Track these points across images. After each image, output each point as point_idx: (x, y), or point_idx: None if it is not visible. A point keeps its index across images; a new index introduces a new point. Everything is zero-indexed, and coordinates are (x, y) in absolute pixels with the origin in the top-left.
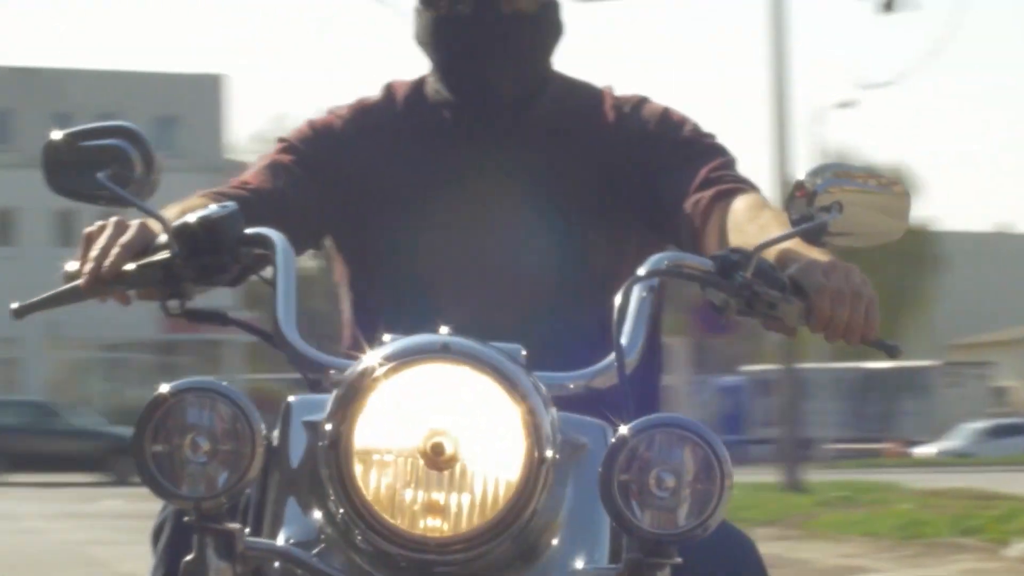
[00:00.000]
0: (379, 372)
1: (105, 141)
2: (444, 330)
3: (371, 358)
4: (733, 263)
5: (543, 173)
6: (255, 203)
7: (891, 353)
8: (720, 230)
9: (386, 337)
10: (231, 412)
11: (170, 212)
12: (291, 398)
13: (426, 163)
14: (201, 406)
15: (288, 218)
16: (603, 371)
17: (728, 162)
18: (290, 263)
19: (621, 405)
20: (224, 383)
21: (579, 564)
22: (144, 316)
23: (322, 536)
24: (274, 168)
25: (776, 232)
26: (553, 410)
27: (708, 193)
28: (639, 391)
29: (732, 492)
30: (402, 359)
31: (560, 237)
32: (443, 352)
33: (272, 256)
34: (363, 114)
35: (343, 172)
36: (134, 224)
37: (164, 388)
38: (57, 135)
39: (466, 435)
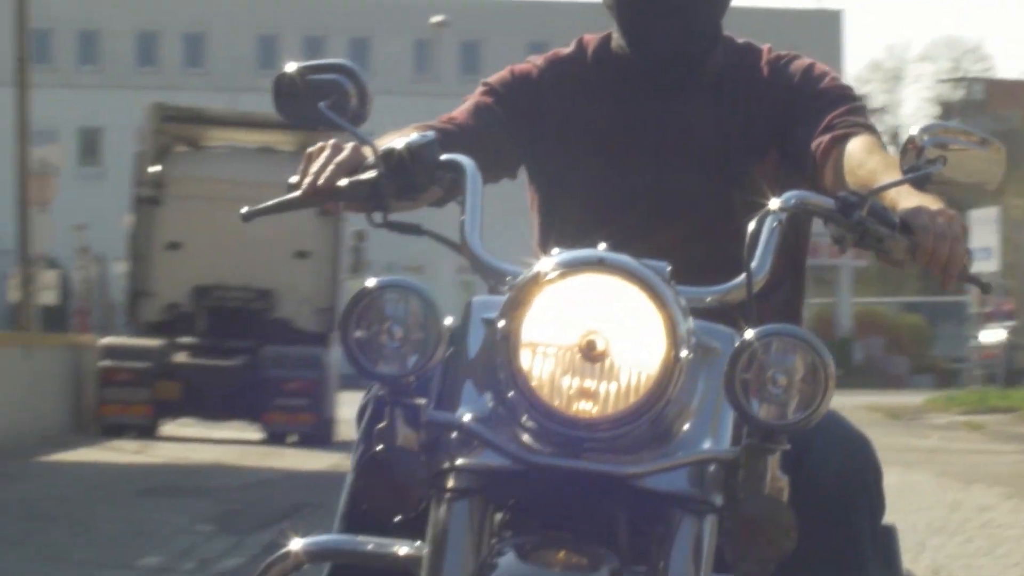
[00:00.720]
0: (545, 278)
1: (328, 76)
2: (602, 246)
3: (540, 266)
4: (851, 203)
5: (707, 124)
6: (458, 136)
7: (984, 288)
8: (836, 171)
9: (555, 250)
10: (421, 306)
11: (381, 141)
12: (473, 298)
13: (609, 110)
14: (397, 300)
15: (485, 151)
16: (735, 288)
17: (854, 108)
18: (477, 186)
19: (748, 316)
20: (416, 281)
21: (705, 446)
22: None
23: (492, 414)
24: (477, 108)
25: (886, 177)
26: (690, 319)
27: (828, 137)
28: (782, 311)
29: (833, 393)
30: (565, 268)
31: (713, 180)
32: (599, 264)
33: (463, 179)
34: (557, 64)
35: (537, 113)
36: (348, 147)
37: (369, 283)
38: (291, 67)
39: (615, 335)
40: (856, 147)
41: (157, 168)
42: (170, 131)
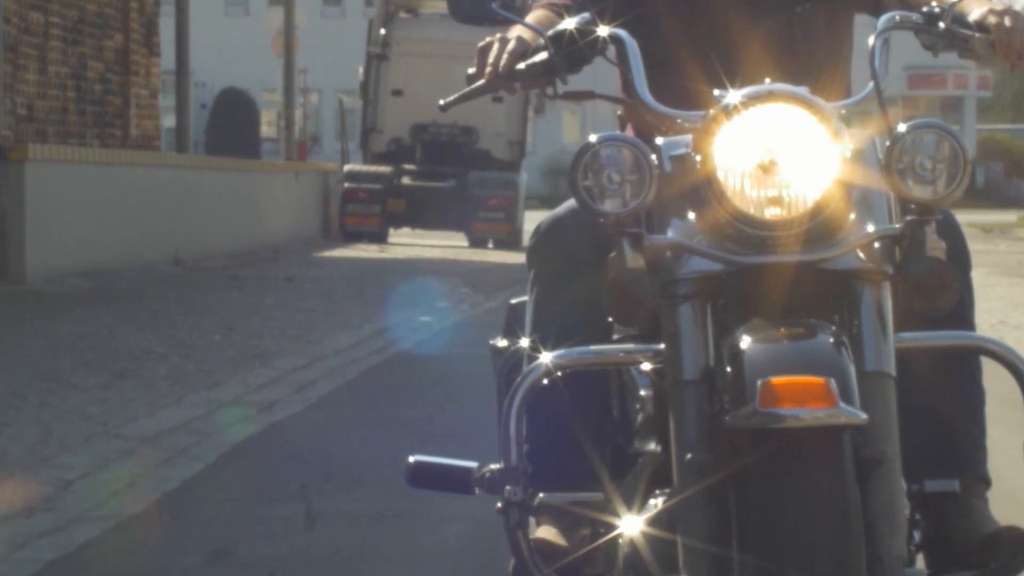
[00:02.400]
0: (731, 111)
1: None
2: (767, 81)
3: (725, 102)
4: (936, 15)
5: None
6: (575, 9)
7: None
8: None
9: (718, 92)
10: (633, 154)
11: (533, 20)
12: (659, 140)
13: None
14: (613, 150)
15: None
16: (867, 96)
17: None
18: (636, 51)
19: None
20: (628, 135)
21: (870, 228)
22: None
23: (697, 230)
24: None
25: None
26: (844, 127)
27: None
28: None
29: (970, 174)
30: (744, 100)
31: (795, 22)
32: (769, 96)
33: (623, 49)
34: None
35: None
36: (513, 37)
37: (591, 138)
38: None
39: (790, 150)
40: None
41: (384, 31)
42: (394, 1)
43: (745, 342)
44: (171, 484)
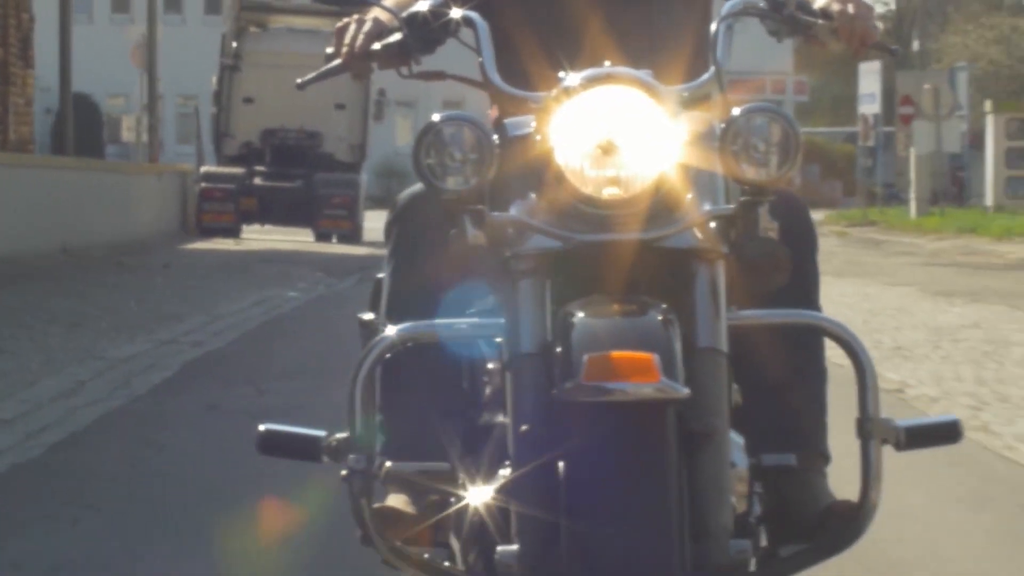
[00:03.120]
0: (570, 93)
1: None
2: (607, 64)
3: (565, 84)
4: (781, 2)
5: None
6: None
7: (892, 53)
8: None
9: (561, 74)
10: (475, 132)
11: (390, 3)
12: (505, 120)
13: None
14: (455, 129)
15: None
16: (707, 81)
17: None
18: (486, 33)
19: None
20: (470, 113)
21: (707, 208)
22: None
23: (537, 209)
24: None
25: None
26: (681, 110)
27: None
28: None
29: (802, 155)
30: (584, 82)
31: (652, 2)
32: (608, 78)
33: (476, 31)
34: None
35: None
36: (370, 18)
37: (434, 117)
38: None
39: (628, 131)
40: None
41: (235, 44)
42: (245, 17)
43: (576, 317)
44: (151, 383)
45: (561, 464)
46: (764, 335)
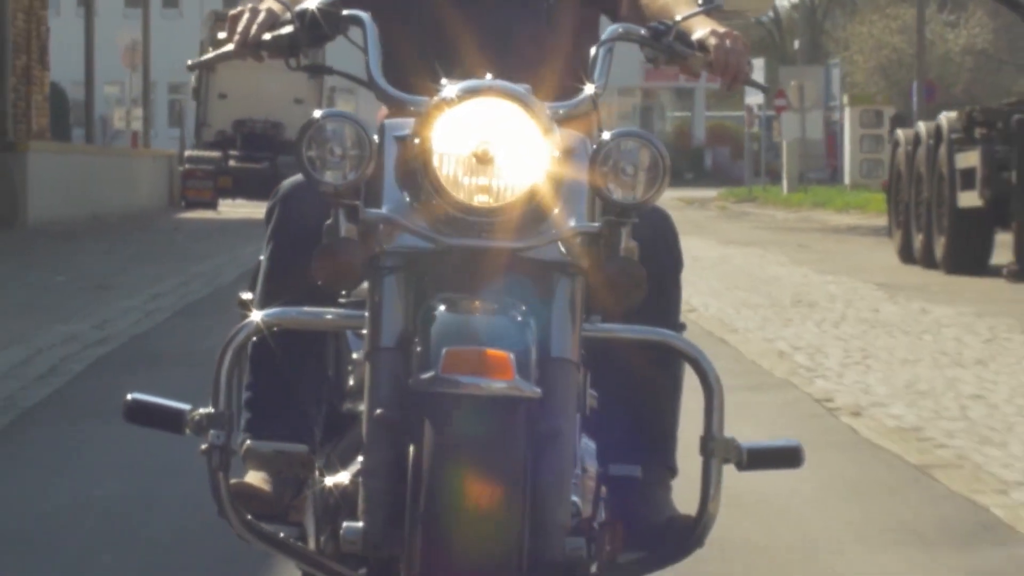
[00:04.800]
0: (449, 101)
1: None
2: (488, 76)
3: (445, 93)
4: (661, 31)
5: None
6: None
7: (763, 90)
8: (631, 5)
9: (444, 81)
10: (355, 130)
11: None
12: (385, 121)
13: None
14: (337, 125)
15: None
16: (582, 101)
17: None
18: (374, 34)
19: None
20: (350, 112)
21: (572, 224)
22: None
23: (410, 209)
24: None
25: (682, 9)
26: (555, 126)
27: None
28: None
29: (668, 180)
30: (463, 93)
31: (541, 17)
32: (488, 90)
33: (363, 30)
34: None
35: None
36: (264, 8)
37: (316, 113)
38: None
39: (502, 143)
40: None
41: (211, 49)
42: (219, 27)
43: (438, 311)
44: (194, 293)
45: (412, 450)
46: (624, 349)
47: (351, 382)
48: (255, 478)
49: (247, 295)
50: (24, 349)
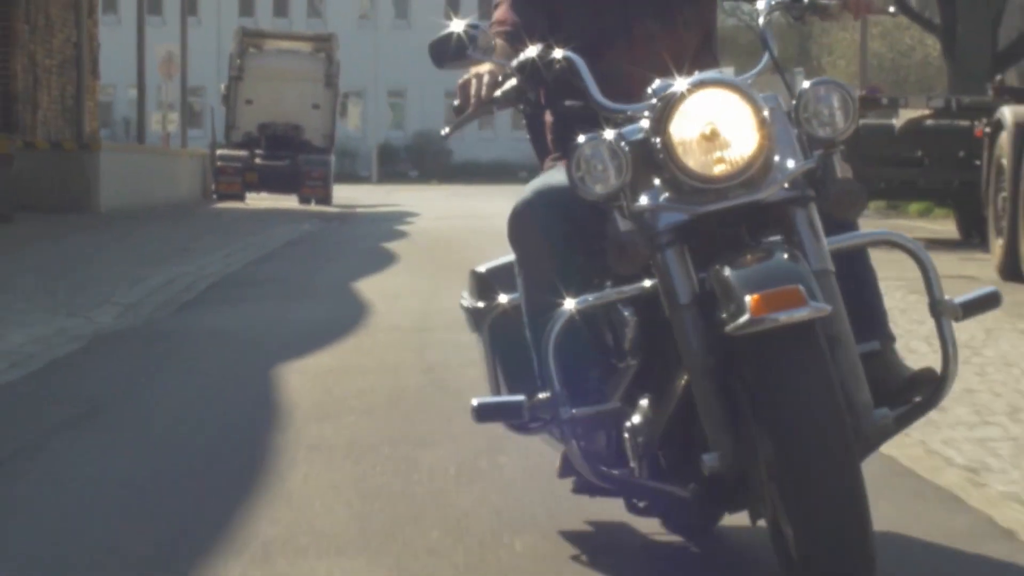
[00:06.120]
0: (680, 96)
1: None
2: (697, 73)
3: (674, 90)
4: None
5: None
6: (515, 34)
7: (891, 14)
8: None
9: (656, 83)
10: (610, 147)
11: (498, 54)
12: (621, 130)
13: None
14: (595, 147)
15: (529, 39)
16: (765, 66)
17: None
18: (582, 66)
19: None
20: (601, 134)
21: (792, 166)
22: None
23: (665, 193)
24: (514, 5)
25: None
26: (762, 97)
27: None
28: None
29: (859, 114)
30: (691, 87)
31: (661, 21)
32: (705, 83)
33: (575, 67)
34: None
35: None
36: (486, 72)
37: (579, 139)
38: (445, 32)
39: (725, 122)
40: None
41: (239, 61)
42: (246, 41)
43: (726, 271)
44: (257, 252)
45: (739, 384)
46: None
47: (627, 345)
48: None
49: (472, 302)
50: (159, 280)
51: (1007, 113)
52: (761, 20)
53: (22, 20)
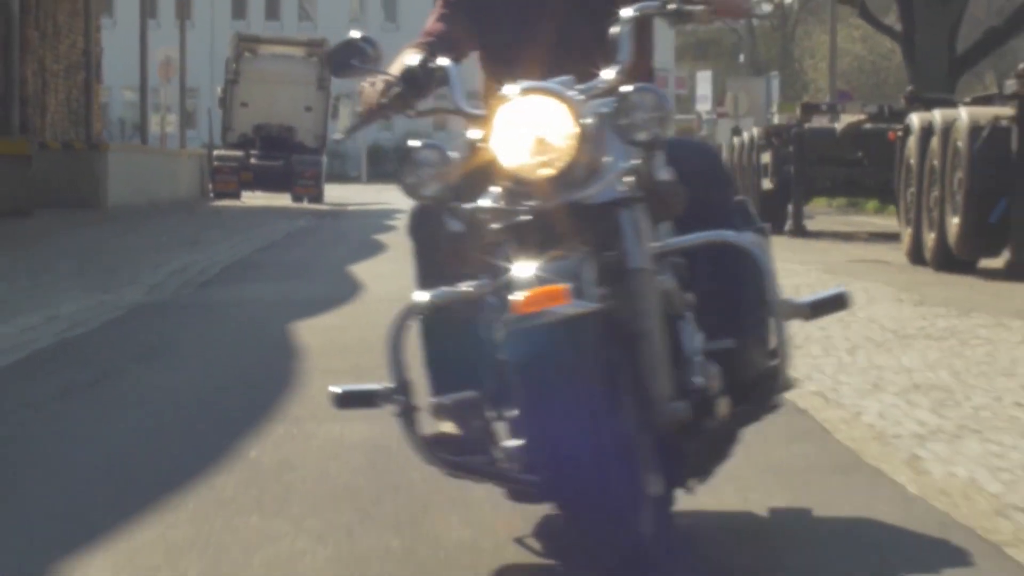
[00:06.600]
0: (506, 102)
1: (355, 43)
2: (525, 82)
3: (503, 95)
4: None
5: None
6: (438, 44)
7: (761, 17)
8: None
9: (505, 89)
10: (439, 151)
11: (393, 65)
12: (467, 132)
13: None
14: (425, 153)
15: (457, 46)
16: (601, 81)
17: None
18: (454, 75)
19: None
20: (433, 140)
21: (617, 167)
22: None
23: (497, 194)
24: (441, 15)
25: None
26: (588, 104)
27: None
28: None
29: (673, 116)
30: (511, 97)
31: (581, 26)
32: (530, 89)
33: (448, 74)
34: None
35: (475, 5)
36: (379, 80)
37: (411, 142)
38: (354, 35)
39: (552, 128)
40: None
41: (235, 65)
42: (242, 46)
43: (514, 266)
44: (259, 243)
45: (519, 376)
46: (701, 252)
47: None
48: (447, 427)
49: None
50: (175, 265)
51: (914, 119)
52: (617, 28)
53: (32, 27)
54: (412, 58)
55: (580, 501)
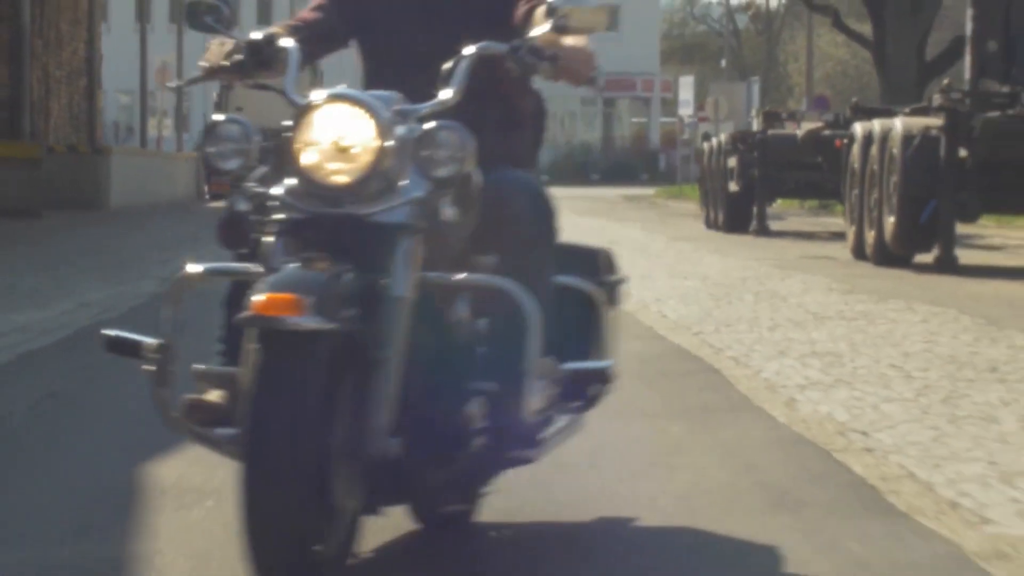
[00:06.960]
0: (311, 106)
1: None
2: (342, 86)
3: (311, 99)
4: (517, 47)
5: (452, 4)
6: (304, 29)
7: (599, 89)
8: (523, 25)
9: (315, 93)
10: (242, 129)
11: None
12: (282, 123)
13: None
14: (229, 127)
15: (327, 37)
16: (445, 102)
17: None
18: (294, 59)
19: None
20: (240, 116)
21: (407, 195)
22: None
23: (289, 189)
24: (318, 7)
25: (540, 29)
26: (398, 124)
27: (523, 7)
28: (529, 142)
29: (474, 158)
30: (323, 99)
31: (453, 39)
32: (338, 97)
33: (287, 55)
34: None
35: (354, 6)
36: (229, 42)
37: (215, 117)
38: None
39: (352, 136)
40: (539, 12)
41: None
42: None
43: (279, 266)
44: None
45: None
46: (487, 293)
47: None
48: (213, 395)
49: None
50: (181, 260)
51: (857, 128)
52: (461, 62)
53: (36, 35)
54: (259, 32)
55: (261, 508)
